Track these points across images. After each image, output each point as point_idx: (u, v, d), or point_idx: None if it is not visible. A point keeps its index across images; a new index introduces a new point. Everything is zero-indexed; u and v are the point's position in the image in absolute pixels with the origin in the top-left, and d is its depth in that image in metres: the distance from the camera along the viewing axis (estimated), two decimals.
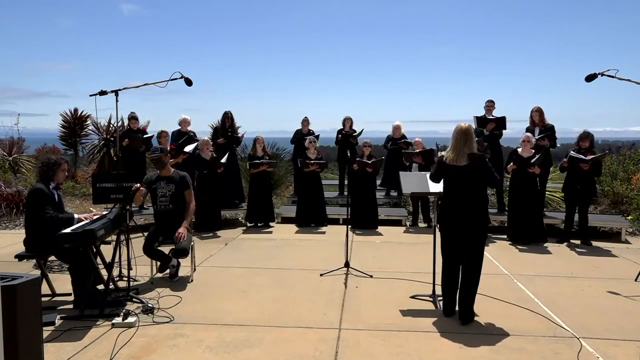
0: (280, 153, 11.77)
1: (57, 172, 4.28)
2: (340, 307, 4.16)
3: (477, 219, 3.75)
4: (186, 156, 7.46)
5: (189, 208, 4.90)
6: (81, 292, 4.03)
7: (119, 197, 5.02)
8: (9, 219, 8.19)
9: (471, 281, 3.80)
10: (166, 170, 4.93)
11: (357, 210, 7.53)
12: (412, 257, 5.88)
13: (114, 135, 11.28)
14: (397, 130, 8.82)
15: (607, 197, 9.31)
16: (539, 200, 6.82)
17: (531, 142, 6.66)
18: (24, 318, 2.45)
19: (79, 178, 12.11)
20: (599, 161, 6.48)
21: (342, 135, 8.82)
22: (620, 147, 12.29)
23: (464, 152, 3.74)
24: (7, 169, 11.53)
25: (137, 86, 6.01)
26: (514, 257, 6.01)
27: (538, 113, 7.11)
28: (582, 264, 5.70)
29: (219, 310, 4.05)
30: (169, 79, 5.69)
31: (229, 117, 8.27)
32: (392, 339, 3.51)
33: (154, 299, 4.27)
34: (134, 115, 8.00)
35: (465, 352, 3.30)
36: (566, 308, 4.16)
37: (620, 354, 3.30)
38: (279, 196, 10.35)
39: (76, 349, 3.29)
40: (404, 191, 4.61)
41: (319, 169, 7.80)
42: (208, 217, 7.33)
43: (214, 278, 4.99)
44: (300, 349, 3.32)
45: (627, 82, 5.01)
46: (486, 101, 7.74)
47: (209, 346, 3.37)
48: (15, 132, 13.12)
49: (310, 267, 5.35)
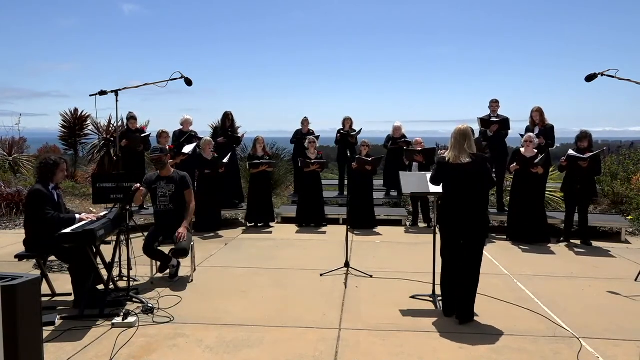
0: (280, 153, 11.77)
1: (56, 173, 4.27)
2: (340, 307, 4.16)
3: (477, 219, 3.75)
4: (185, 157, 7.46)
5: (189, 208, 4.90)
6: (81, 292, 4.03)
7: (119, 197, 5.02)
8: (9, 219, 8.18)
9: (471, 281, 3.80)
10: (166, 170, 4.93)
11: (356, 210, 7.52)
12: (412, 257, 5.88)
13: (114, 135, 11.28)
14: (398, 130, 8.82)
15: (607, 197, 9.31)
16: (541, 201, 6.82)
17: (534, 143, 6.66)
18: (24, 318, 2.45)
19: (79, 178, 12.11)
20: (598, 159, 6.48)
21: (341, 135, 8.82)
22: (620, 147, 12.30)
23: (465, 150, 3.75)
24: (7, 169, 11.53)
25: (137, 86, 6.02)
26: (514, 257, 6.01)
27: (538, 113, 7.11)
28: (582, 264, 5.70)
29: (219, 310, 4.05)
30: (169, 79, 5.70)
31: (229, 118, 8.27)
32: (392, 339, 3.51)
33: (154, 299, 4.27)
34: (133, 115, 8.00)
35: (465, 352, 3.30)
36: (566, 308, 4.16)
37: (620, 354, 3.30)
38: (279, 196, 10.35)
39: (76, 349, 3.29)
40: (404, 191, 4.60)
41: (320, 168, 7.80)
42: (208, 217, 7.33)
43: (214, 278, 4.99)
44: (300, 349, 3.32)
45: (627, 82, 5.01)
46: (490, 101, 7.69)
47: (209, 346, 3.37)
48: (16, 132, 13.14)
49: (310, 267, 5.35)
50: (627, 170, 9.62)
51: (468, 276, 3.79)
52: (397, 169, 6.76)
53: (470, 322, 3.79)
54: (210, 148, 7.40)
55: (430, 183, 4.15)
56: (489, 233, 6.20)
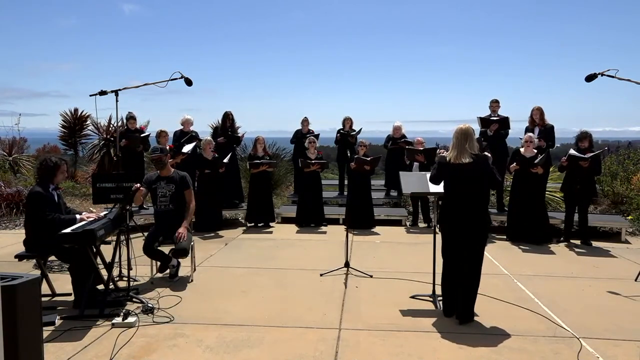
0: (280, 153, 11.77)
1: (56, 174, 4.26)
2: (340, 307, 4.16)
3: (477, 219, 3.75)
4: (185, 157, 7.46)
5: (189, 208, 4.90)
6: (81, 292, 4.02)
7: (119, 197, 5.01)
8: (9, 219, 8.18)
9: (471, 281, 3.80)
10: (166, 170, 4.94)
11: (356, 210, 7.52)
12: (412, 257, 5.88)
13: (114, 135, 11.28)
14: (398, 130, 8.81)
15: (607, 197, 9.30)
16: (542, 201, 6.82)
17: (534, 143, 6.67)
18: (24, 318, 2.45)
19: (79, 178, 12.11)
20: (599, 159, 6.49)
21: (341, 135, 8.82)
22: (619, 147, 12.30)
23: (466, 150, 3.74)
24: (7, 169, 11.52)
25: (137, 86, 6.01)
26: (514, 257, 6.01)
27: (539, 112, 7.11)
28: (582, 264, 5.70)
29: (219, 310, 4.05)
30: (169, 79, 5.69)
31: (229, 118, 8.27)
32: (392, 339, 3.51)
33: (154, 299, 4.27)
34: (132, 115, 7.99)
35: (465, 352, 3.30)
36: (566, 308, 4.16)
37: (620, 354, 3.30)
38: (279, 196, 10.35)
39: (76, 349, 3.29)
40: (404, 191, 4.60)
41: (320, 168, 7.80)
42: (208, 217, 7.33)
43: (214, 278, 4.99)
44: (300, 349, 3.32)
45: (627, 82, 5.01)
46: (491, 101, 7.70)
47: (209, 346, 3.37)
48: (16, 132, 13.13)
49: (310, 267, 5.35)
50: (627, 170, 9.62)
51: (468, 276, 3.79)
52: (397, 169, 6.76)
53: (470, 322, 3.79)
54: (211, 148, 7.40)
55: (430, 182, 4.15)
56: (489, 233, 6.20)
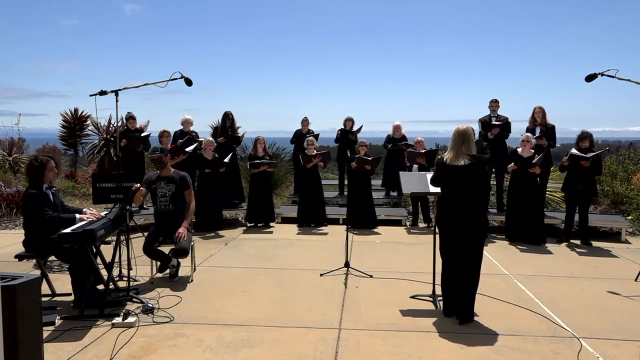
0: (280, 153, 11.78)
1: (44, 173, 4.20)
2: (340, 307, 4.16)
3: (474, 220, 3.75)
4: (186, 156, 7.46)
5: (189, 208, 4.90)
6: (81, 292, 4.02)
7: (119, 197, 5.02)
8: (9, 219, 8.19)
9: (471, 281, 3.80)
10: (166, 170, 4.94)
11: (356, 210, 7.52)
12: (412, 257, 5.88)
13: (114, 135, 11.28)
14: (397, 130, 8.81)
15: (607, 197, 9.31)
16: (539, 201, 6.82)
17: (531, 142, 6.67)
18: (23, 318, 2.45)
19: (79, 178, 12.11)
20: (600, 159, 6.49)
21: (342, 132, 8.82)
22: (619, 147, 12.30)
23: (462, 152, 3.76)
24: (7, 169, 11.53)
25: (137, 86, 6.01)
26: (514, 257, 6.01)
27: (540, 112, 7.11)
28: (582, 264, 5.70)
29: (219, 310, 4.05)
30: (169, 79, 5.69)
31: (229, 118, 8.26)
32: (392, 339, 3.51)
33: (154, 299, 4.27)
34: (132, 115, 7.99)
35: (465, 352, 3.30)
36: (566, 308, 4.16)
37: (620, 354, 3.30)
38: (279, 196, 10.35)
39: (76, 349, 3.29)
40: (404, 191, 4.61)
41: (322, 162, 7.73)
42: (208, 217, 7.33)
43: (214, 278, 4.99)
44: (300, 349, 3.33)
45: (627, 82, 5.01)
46: (490, 101, 7.70)
47: (209, 346, 3.37)
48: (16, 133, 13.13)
49: (310, 267, 5.35)
50: (627, 170, 9.62)
51: (468, 276, 3.79)
52: (397, 170, 6.76)
53: (470, 322, 3.79)
54: (212, 148, 7.40)
55: (431, 184, 4.16)
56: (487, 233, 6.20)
